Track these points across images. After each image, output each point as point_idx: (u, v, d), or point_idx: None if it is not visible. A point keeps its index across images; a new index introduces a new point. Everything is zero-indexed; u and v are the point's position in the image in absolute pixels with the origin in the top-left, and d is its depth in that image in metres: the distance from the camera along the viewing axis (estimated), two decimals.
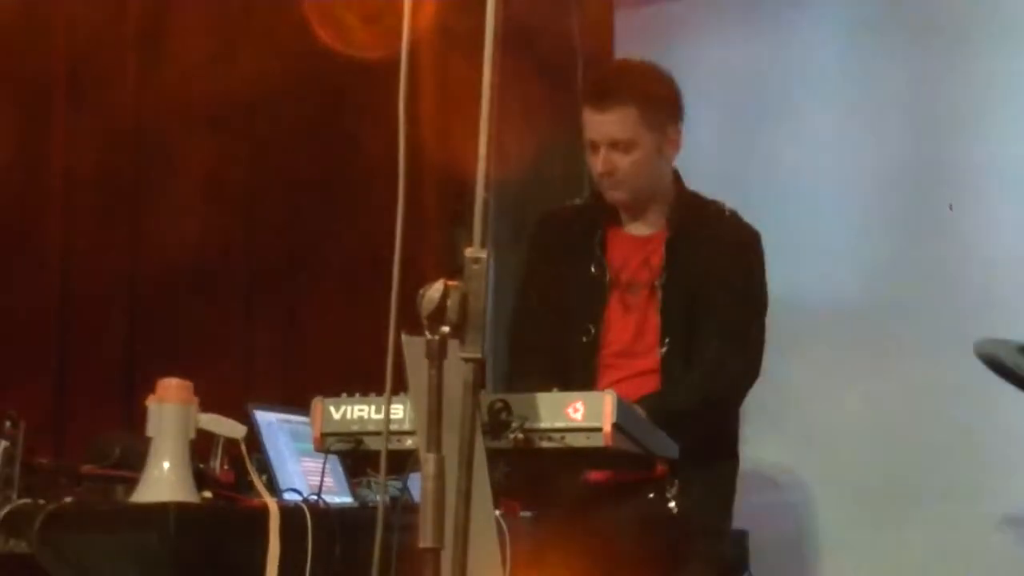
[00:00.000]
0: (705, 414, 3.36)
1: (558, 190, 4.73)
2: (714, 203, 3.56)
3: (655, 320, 3.44)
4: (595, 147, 3.45)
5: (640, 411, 3.09)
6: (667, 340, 3.41)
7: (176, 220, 4.35)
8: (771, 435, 4.79)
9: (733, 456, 3.52)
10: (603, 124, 3.43)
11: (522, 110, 4.61)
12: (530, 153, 4.84)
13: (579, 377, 3.35)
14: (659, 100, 3.47)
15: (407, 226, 2.42)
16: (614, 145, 3.42)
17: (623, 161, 3.43)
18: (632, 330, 3.46)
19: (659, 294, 3.44)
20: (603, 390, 2.89)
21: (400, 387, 2.58)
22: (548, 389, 2.85)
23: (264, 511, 3.17)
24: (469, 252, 2.24)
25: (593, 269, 3.49)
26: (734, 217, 3.54)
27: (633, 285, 3.48)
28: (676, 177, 3.56)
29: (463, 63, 2.27)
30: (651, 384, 3.39)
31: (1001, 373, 3.79)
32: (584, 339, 3.45)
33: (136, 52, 4.39)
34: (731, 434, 3.53)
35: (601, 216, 3.55)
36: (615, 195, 3.48)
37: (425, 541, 2.22)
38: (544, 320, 3.51)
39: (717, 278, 3.43)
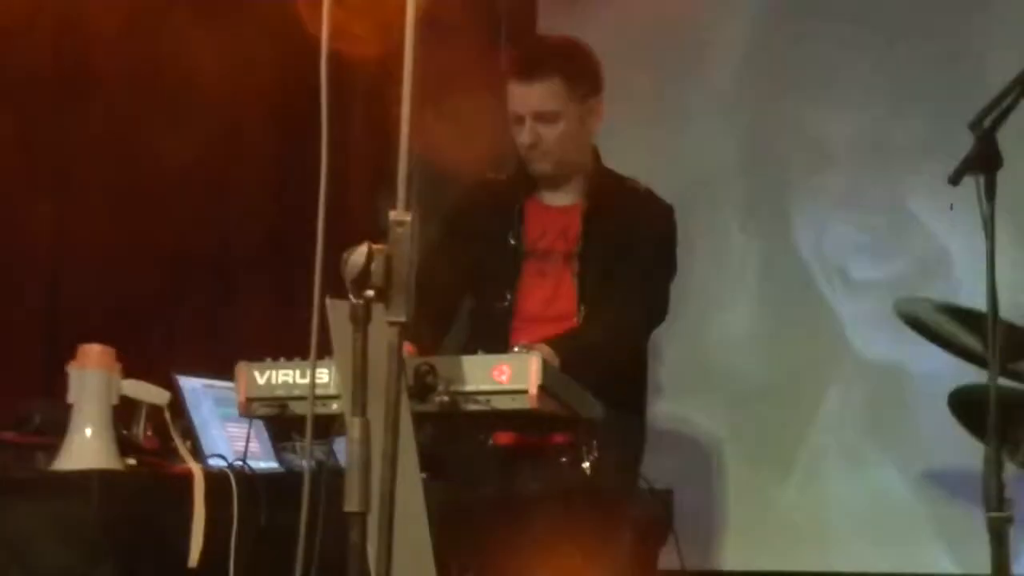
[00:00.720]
0: (613, 348, 3.42)
1: (484, 159, 4.74)
2: (630, 180, 3.65)
3: (570, 288, 3.52)
4: (520, 119, 3.54)
5: (554, 359, 3.12)
6: (583, 308, 3.49)
7: (102, 189, 4.32)
8: (694, 394, 4.84)
9: (640, 411, 3.60)
10: (529, 96, 3.52)
11: (448, 81, 4.60)
12: (457, 120, 4.83)
13: (496, 341, 3.39)
14: (583, 73, 3.57)
15: (331, 191, 2.41)
16: (539, 117, 3.52)
17: (548, 133, 3.52)
18: (547, 297, 3.54)
19: (575, 264, 3.53)
20: (527, 351, 2.91)
21: (325, 351, 2.58)
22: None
23: (189, 477, 3.15)
24: (393, 215, 2.23)
25: (511, 239, 3.57)
26: (649, 193, 3.63)
27: (549, 254, 3.56)
28: (595, 153, 3.65)
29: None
30: None
31: (920, 330, 3.85)
32: (499, 305, 3.52)
33: (122, 42, 4.37)
34: (638, 386, 3.61)
35: (520, 187, 3.62)
36: (540, 166, 3.57)
37: (351, 505, 2.22)
38: (447, 284, 3.54)
39: (631, 252, 3.52)
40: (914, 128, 4.66)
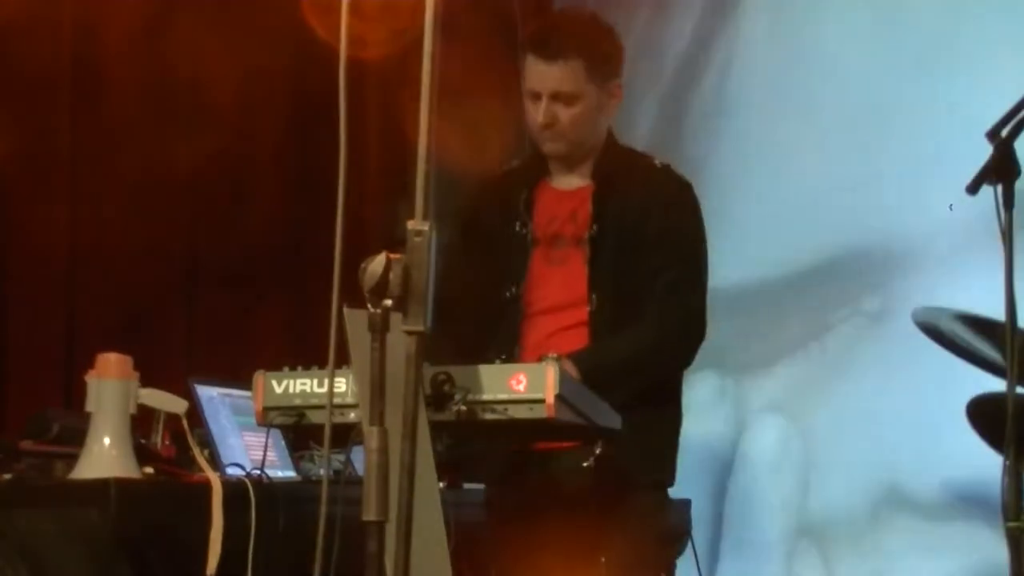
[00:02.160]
0: (650, 366, 3.30)
1: (497, 165, 4.74)
2: (645, 156, 3.50)
3: (582, 273, 3.38)
4: (536, 97, 3.38)
5: (578, 374, 3.09)
6: (595, 295, 3.35)
7: (117, 199, 4.33)
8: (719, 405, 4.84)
9: (665, 405, 3.41)
10: (548, 74, 3.37)
11: (462, 86, 4.61)
12: (473, 126, 4.84)
13: (505, 334, 3.35)
14: (604, 55, 3.41)
15: (349, 200, 2.41)
16: (557, 97, 3.37)
17: (565, 114, 3.37)
18: (557, 284, 3.40)
19: (586, 248, 3.38)
20: (545, 357, 2.88)
21: (343, 360, 2.58)
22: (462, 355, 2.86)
23: (206, 486, 3.15)
24: (411, 224, 2.23)
25: (518, 226, 3.44)
26: (666, 169, 3.47)
27: (558, 239, 3.42)
28: (610, 132, 3.50)
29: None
30: (579, 338, 3.33)
31: (938, 339, 3.84)
32: (508, 295, 3.40)
33: (138, 45, 4.39)
34: (665, 383, 3.42)
35: (531, 173, 3.50)
36: (553, 147, 3.42)
37: (369, 514, 2.22)
38: (468, 284, 3.47)
39: (650, 232, 3.36)
40: None
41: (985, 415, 3.74)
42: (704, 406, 4.84)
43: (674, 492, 3.44)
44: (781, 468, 4.78)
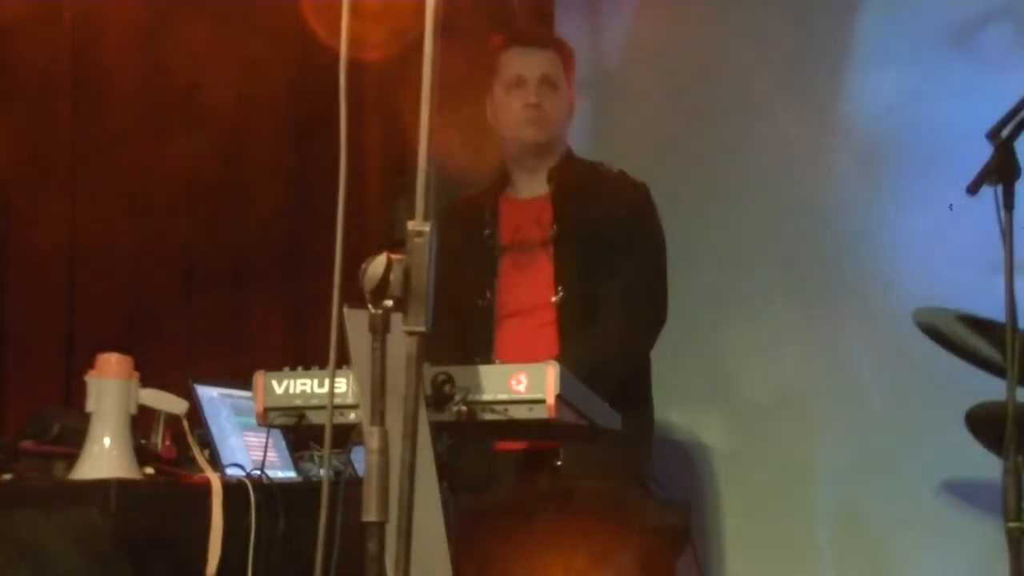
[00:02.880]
0: (617, 366, 3.41)
1: (495, 166, 4.75)
2: (600, 163, 3.64)
3: (548, 272, 3.51)
4: (521, 83, 3.53)
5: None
6: (560, 289, 3.47)
7: (118, 199, 4.33)
8: (711, 408, 4.83)
9: (637, 405, 3.52)
10: (536, 59, 3.54)
11: (462, 87, 4.61)
12: (469, 128, 4.84)
13: (479, 338, 3.45)
14: (572, 59, 3.62)
15: (349, 201, 2.41)
16: (545, 81, 3.53)
17: (549, 100, 3.52)
18: (526, 287, 3.53)
19: (550, 248, 3.51)
20: (548, 359, 2.90)
21: (343, 361, 2.58)
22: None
23: (207, 486, 3.15)
24: (412, 225, 2.24)
25: (486, 236, 3.58)
26: (621, 174, 3.60)
27: (525, 244, 3.56)
28: (567, 146, 3.66)
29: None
30: (549, 336, 3.44)
31: (939, 340, 3.83)
32: (480, 302, 3.52)
33: (138, 46, 4.40)
34: (636, 383, 3.56)
35: (491, 190, 3.65)
36: (535, 132, 3.57)
37: (369, 515, 2.22)
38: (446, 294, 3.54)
39: (610, 229, 3.49)
40: None
41: (984, 421, 3.74)
42: (704, 405, 4.84)
43: (674, 492, 3.45)
44: (780, 468, 4.78)
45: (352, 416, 2.82)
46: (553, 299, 3.46)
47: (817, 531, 4.75)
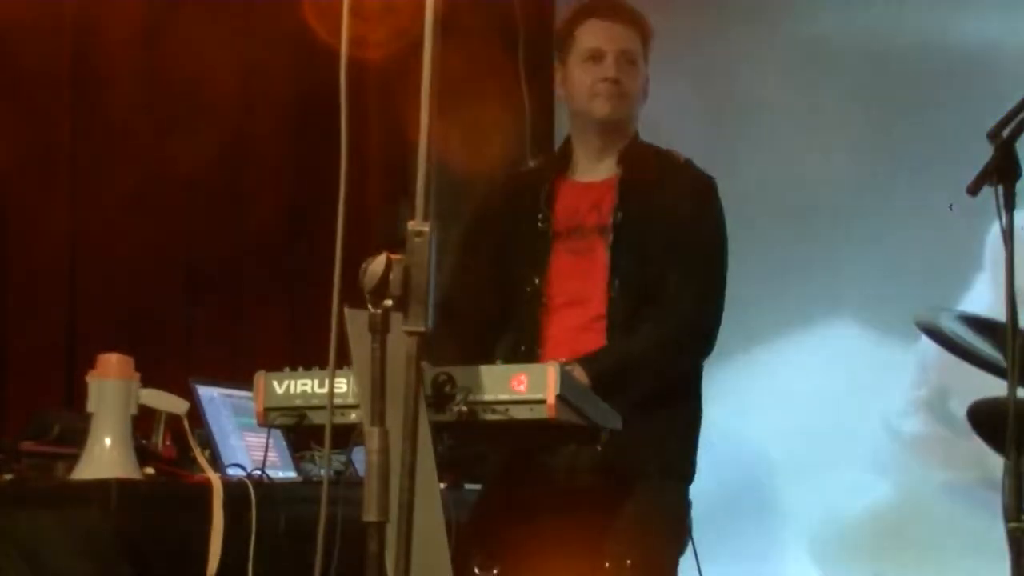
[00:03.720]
0: (664, 362, 3.29)
1: (499, 165, 4.74)
2: (668, 151, 3.49)
3: (604, 260, 3.35)
4: (599, 56, 3.37)
5: (588, 379, 3.10)
6: (616, 283, 3.32)
7: (118, 199, 4.34)
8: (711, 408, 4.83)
9: (681, 400, 3.41)
10: (617, 33, 3.37)
11: (463, 87, 4.61)
12: (471, 128, 4.84)
13: (527, 328, 3.34)
14: (650, 36, 3.47)
15: (349, 201, 2.41)
16: (623, 55, 3.37)
17: (627, 75, 3.38)
18: (579, 276, 3.38)
19: (608, 236, 3.35)
20: (548, 359, 2.90)
21: (344, 361, 2.58)
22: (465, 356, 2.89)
23: (207, 486, 3.15)
24: (412, 225, 2.24)
25: (539, 222, 3.42)
26: (689, 165, 3.46)
27: (580, 230, 3.40)
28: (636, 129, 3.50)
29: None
30: (597, 333, 3.31)
31: (940, 341, 3.84)
32: (528, 289, 3.38)
33: (138, 47, 4.40)
34: (680, 378, 3.40)
35: (551, 169, 3.50)
36: (611, 107, 3.38)
37: (370, 515, 2.22)
38: (477, 282, 3.48)
39: (673, 225, 3.35)
40: None
41: (986, 417, 3.74)
42: (705, 405, 4.83)
43: None
44: (781, 468, 4.78)
45: (352, 416, 2.82)
46: (608, 291, 3.33)
47: (817, 531, 4.75)
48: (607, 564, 3.16)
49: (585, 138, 3.45)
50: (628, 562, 3.17)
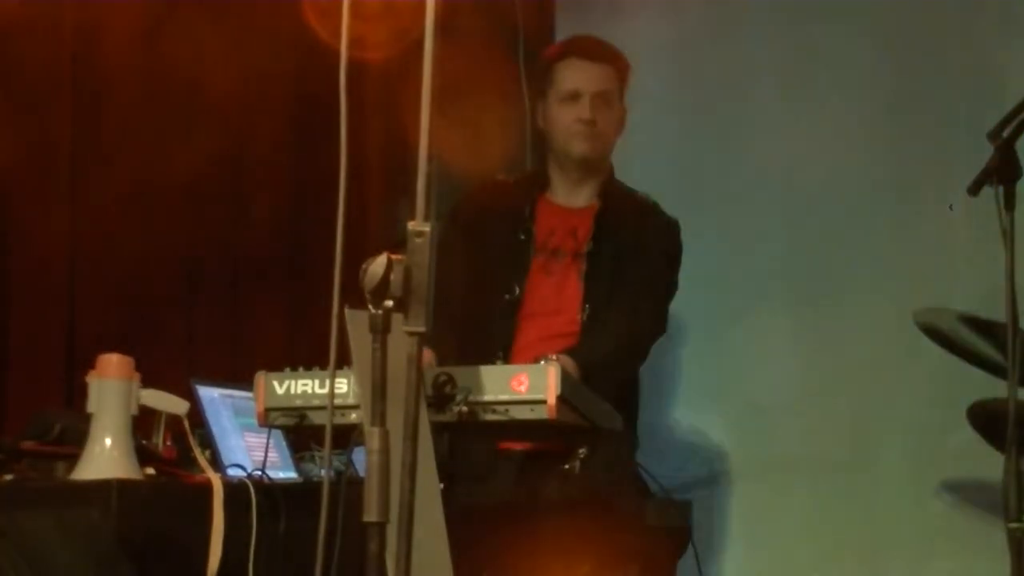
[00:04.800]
0: (620, 362, 3.48)
1: (497, 166, 4.75)
2: (639, 192, 3.71)
3: (576, 286, 3.55)
4: (575, 97, 3.56)
5: (576, 369, 3.15)
6: (587, 306, 3.52)
7: (118, 200, 4.33)
8: (712, 408, 4.83)
9: (633, 419, 3.59)
10: (594, 74, 3.57)
11: (463, 87, 4.62)
12: (471, 129, 4.84)
13: (499, 332, 3.46)
14: (627, 73, 3.63)
15: (349, 201, 2.41)
16: (600, 96, 3.56)
17: (603, 116, 3.55)
18: (552, 294, 3.56)
19: (583, 263, 3.56)
20: (545, 358, 2.95)
21: (344, 361, 2.58)
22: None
23: (208, 487, 3.16)
24: (412, 225, 2.24)
25: (521, 235, 3.59)
26: (657, 207, 3.69)
27: (557, 251, 3.59)
28: (610, 162, 3.72)
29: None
30: (569, 344, 3.47)
31: (939, 341, 3.83)
32: (507, 297, 3.54)
33: (138, 48, 4.40)
34: (633, 393, 3.63)
35: (532, 186, 3.67)
36: (587, 147, 3.61)
37: (370, 515, 2.22)
38: (465, 284, 3.55)
39: (640, 259, 3.56)
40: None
41: (986, 417, 3.73)
42: (705, 405, 4.84)
43: (678, 492, 3.45)
44: (781, 467, 4.78)
45: (353, 416, 2.83)
46: (581, 315, 3.52)
47: (818, 531, 4.74)
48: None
49: (563, 170, 3.62)
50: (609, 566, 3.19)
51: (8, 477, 3.19)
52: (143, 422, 3.30)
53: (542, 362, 2.96)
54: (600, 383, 3.18)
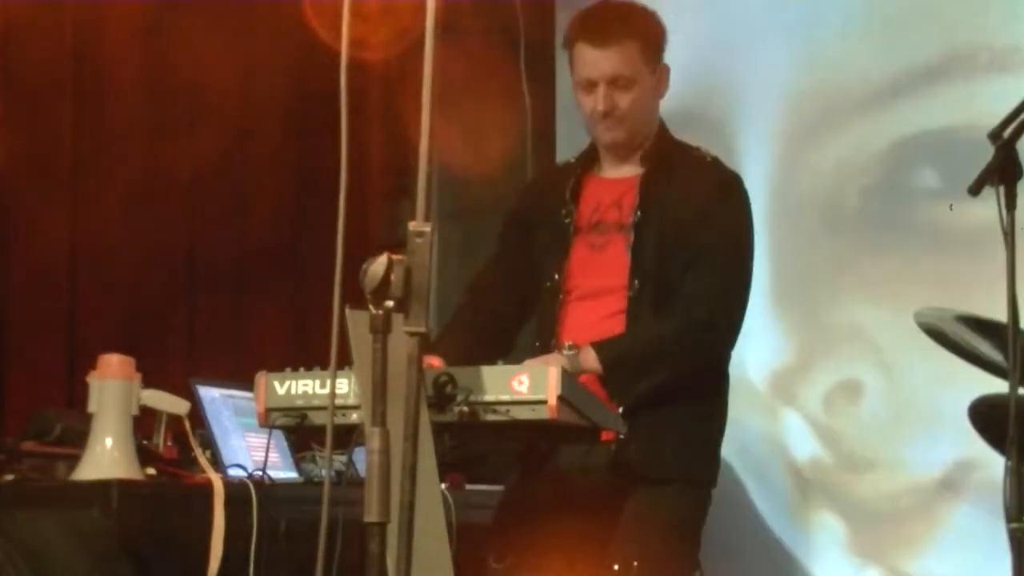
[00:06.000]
0: (677, 356, 3.26)
1: (498, 167, 4.74)
2: (696, 148, 3.45)
3: (623, 260, 3.33)
4: (591, 86, 3.33)
5: (599, 365, 3.11)
6: (636, 281, 3.30)
7: (119, 200, 4.34)
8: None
9: (703, 400, 3.35)
10: (604, 60, 3.31)
11: (463, 87, 4.62)
12: (472, 128, 4.84)
13: (545, 321, 3.34)
14: (654, 35, 3.39)
15: (350, 201, 2.41)
16: (614, 82, 3.32)
17: (623, 99, 3.32)
18: (599, 271, 3.37)
19: (629, 235, 3.34)
20: (568, 347, 2.94)
21: (345, 361, 2.58)
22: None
23: (208, 487, 3.16)
24: (412, 226, 2.24)
25: (563, 215, 3.40)
26: (716, 162, 3.42)
27: (600, 225, 3.38)
28: (661, 123, 3.46)
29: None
30: (616, 326, 3.29)
31: (940, 341, 3.83)
32: (548, 284, 3.38)
33: (139, 47, 4.41)
34: (704, 377, 3.35)
35: (582, 164, 3.47)
36: (613, 135, 3.37)
37: (371, 515, 2.22)
38: (507, 273, 3.49)
39: (693, 223, 3.32)
40: None
41: (987, 416, 3.73)
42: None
43: None
44: (781, 467, 4.78)
45: (354, 417, 2.82)
46: (627, 291, 3.30)
47: (818, 530, 4.74)
48: (616, 567, 3.16)
49: (602, 148, 3.45)
50: (635, 564, 3.16)
51: (9, 477, 3.19)
52: (144, 422, 3.30)
53: (563, 352, 2.93)
54: (640, 378, 3.12)
